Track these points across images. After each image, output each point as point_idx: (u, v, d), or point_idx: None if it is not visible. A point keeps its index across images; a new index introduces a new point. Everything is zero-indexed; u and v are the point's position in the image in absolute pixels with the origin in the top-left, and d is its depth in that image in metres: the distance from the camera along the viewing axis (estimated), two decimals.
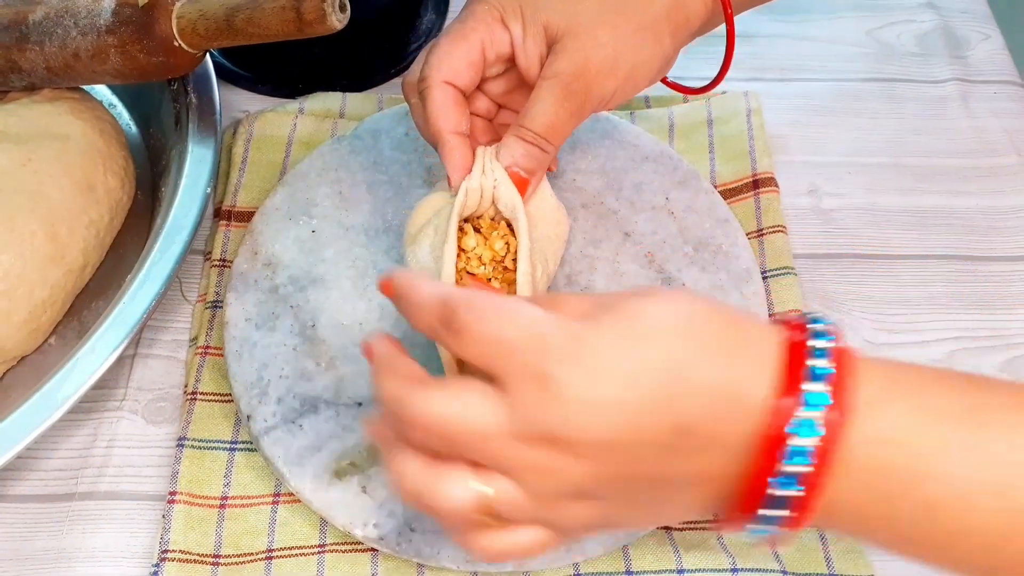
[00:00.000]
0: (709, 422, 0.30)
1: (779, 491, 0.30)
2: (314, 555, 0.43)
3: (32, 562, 0.43)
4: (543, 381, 0.30)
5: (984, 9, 0.65)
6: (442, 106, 0.42)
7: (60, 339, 0.49)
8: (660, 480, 0.31)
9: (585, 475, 0.31)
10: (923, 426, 0.30)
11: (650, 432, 0.30)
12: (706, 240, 0.50)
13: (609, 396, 0.30)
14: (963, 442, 0.30)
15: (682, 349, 0.30)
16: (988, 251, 0.54)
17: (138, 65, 0.47)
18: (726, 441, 0.30)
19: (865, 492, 0.30)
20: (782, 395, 0.30)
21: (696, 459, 0.31)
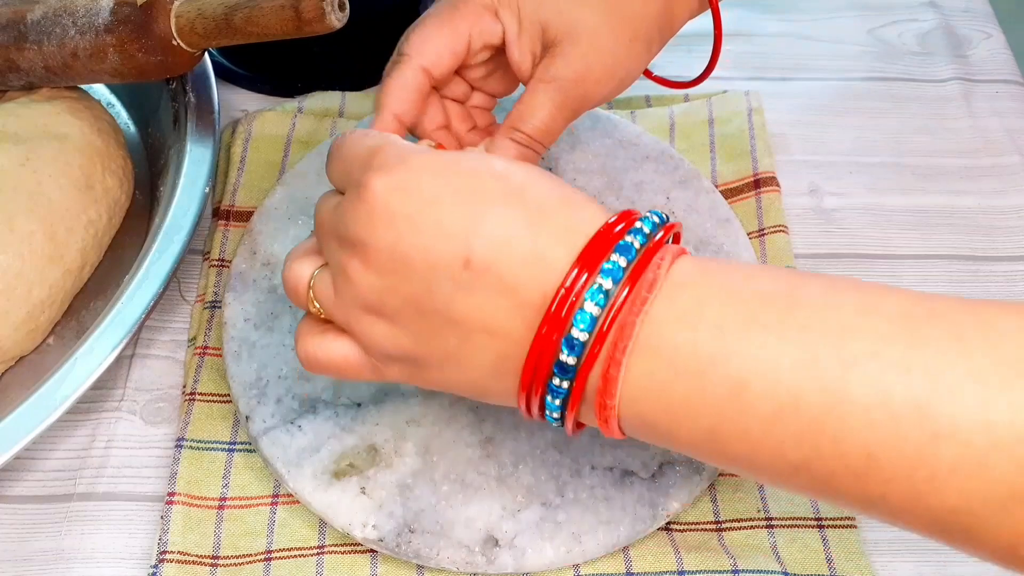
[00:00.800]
0: (503, 266, 0.30)
1: (566, 357, 0.29)
2: (313, 556, 0.43)
3: (30, 563, 0.43)
4: (360, 186, 0.32)
5: (985, 8, 0.65)
6: (405, 85, 0.41)
7: (58, 339, 0.49)
8: (450, 318, 0.31)
9: (375, 285, 0.32)
10: (731, 304, 0.29)
11: (441, 258, 0.30)
12: (707, 240, 0.50)
13: (407, 210, 0.31)
14: (772, 318, 0.28)
15: (497, 191, 0.31)
16: (990, 251, 0.53)
17: (136, 64, 0.47)
18: (518, 293, 0.30)
19: (666, 371, 0.29)
20: (581, 263, 0.29)
21: (486, 302, 0.30)
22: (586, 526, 0.41)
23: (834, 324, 0.28)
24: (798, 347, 0.28)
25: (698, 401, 0.29)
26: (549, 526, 0.41)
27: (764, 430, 0.28)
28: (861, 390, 0.27)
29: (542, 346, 0.30)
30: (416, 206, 0.31)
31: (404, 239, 0.31)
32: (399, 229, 0.31)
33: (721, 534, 0.43)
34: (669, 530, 0.43)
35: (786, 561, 0.42)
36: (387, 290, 0.32)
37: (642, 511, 0.42)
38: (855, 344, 0.27)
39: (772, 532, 0.43)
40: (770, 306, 0.29)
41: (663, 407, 0.30)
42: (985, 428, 0.26)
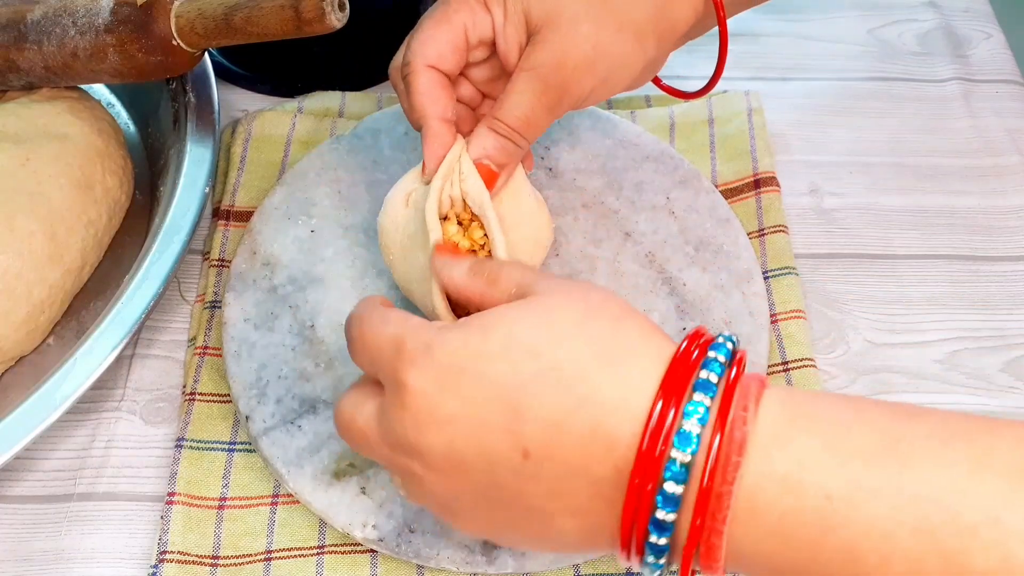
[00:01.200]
0: (564, 451, 0.28)
1: (656, 538, 0.27)
2: (313, 556, 0.43)
3: (30, 563, 0.43)
4: (399, 388, 0.30)
5: (985, 8, 0.65)
6: (428, 91, 0.41)
7: (58, 339, 0.49)
8: (523, 504, 0.30)
9: (442, 486, 0.30)
10: (835, 465, 0.27)
11: (497, 452, 0.29)
12: (707, 240, 0.50)
13: (450, 413, 0.29)
14: (881, 481, 0.26)
15: (532, 371, 0.28)
16: (990, 251, 0.53)
17: (136, 64, 0.47)
18: (590, 471, 0.28)
19: (774, 539, 0.27)
20: (653, 424, 0.27)
21: (558, 486, 0.29)
22: None
23: (948, 487, 0.26)
24: (914, 515, 0.26)
25: (811, 567, 0.27)
26: None
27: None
28: (983, 560, 0.26)
29: (630, 524, 0.28)
30: (457, 406, 0.29)
31: (456, 440, 0.29)
32: (448, 432, 0.29)
33: None
34: None
35: None
36: (457, 487, 0.30)
37: None
38: (973, 512, 0.26)
39: None
40: (877, 466, 0.27)
41: (773, 569, 0.28)
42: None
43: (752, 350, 0.47)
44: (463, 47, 0.42)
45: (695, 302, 0.48)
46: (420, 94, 0.41)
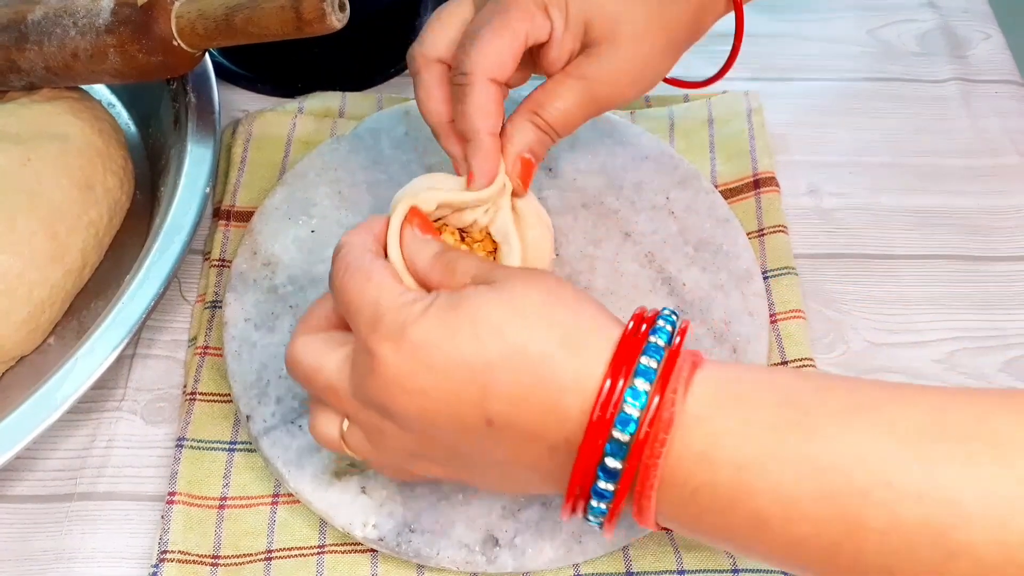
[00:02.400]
0: (523, 422, 0.32)
1: (596, 502, 0.32)
2: (313, 556, 0.43)
3: (31, 563, 0.43)
4: (371, 355, 0.33)
5: (985, 8, 0.65)
6: (485, 106, 0.40)
7: (59, 339, 0.49)
8: (487, 459, 0.34)
9: (412, 442, 0.34)
10: (748, 439, 0.30)
11: (465, 421, 0.32)
12: (707, 240, 0.50)
13: (422, 386, 0.32)
14: (789, 452, 0.29)
15: (498, 351, 0.32)
16: (989, 251, 0.53)
17: (137, 65, 0.47)
18: (546, 438, 0.32)
19: (691, 507, 0.31)
20: (599, 406, 0.31)
21: (519, 449, 0.33)
22: (586, 526, 0.41)
23: (849, 454, 0.29)
24: (816, 481, 0.29)
25: (724, 531, 0.31)
26: (549, 525, 0.41)
27: (787, 553, 0.30)
28: (875, 520, 0.28)
29: (579, 482, 0.32)
30: (429, 380, 0.32)
31: (427, 408, 0.33)
32: (419, 401, 0.33)
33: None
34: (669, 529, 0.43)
35: None
36: (426, 444, 0.34)
37: None
38: (869, 475, 0.28)
39: None
40: (787, 438, 0.29)
41: (694, 528, 0.32)
42: (999, 546, 0.27)
43: (752, 350, 0.47)
44: (520, 54, 0.41)
45: (694, 302, 0.48)
46: (477, 108, 0.40)
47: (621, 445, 0.30)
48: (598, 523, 0.33)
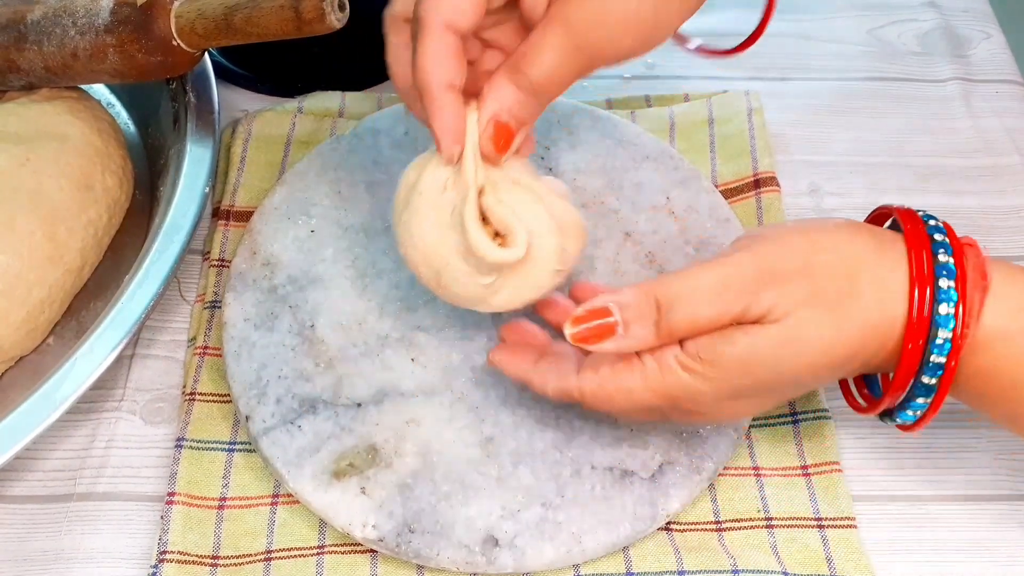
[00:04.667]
0: (868, 354, 0.36)
1: (929, 379, 0.36)
2: (313, 556, 0.43)
3: (30, 563, 0.43)
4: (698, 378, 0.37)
5: (985, 8, 0.65)
6: (437, 55, 0.36)
7: (58, 339, 0.49)
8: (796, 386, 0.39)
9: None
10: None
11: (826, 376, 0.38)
12: (707, 240, 0.50)
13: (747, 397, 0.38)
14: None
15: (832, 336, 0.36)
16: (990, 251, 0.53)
17: (136, 64, 0.47)
18: (882, 350, 0.36)
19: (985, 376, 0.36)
20: (916, 309, 0.35)
21: (870, 301, 0.36)
22: (586, 526, 0.41)
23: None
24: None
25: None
26: (549, 526, 0.41)
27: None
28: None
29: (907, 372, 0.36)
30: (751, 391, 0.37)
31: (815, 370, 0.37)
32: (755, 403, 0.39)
33: (721, 534, 0.43)
34: (669, 530, 0.43)
35: (786, 561, 0.42)
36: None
37: (642, 511, 0.42)
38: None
39: (772, 532, 0.43)
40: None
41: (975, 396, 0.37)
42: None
43: None
44: (484, 2, 0.37)
45: None
46: (429, 58, 0.36)
47: (945, 342, 0.34)
48: (914, 418, 0.37)
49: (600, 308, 0.36)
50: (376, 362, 0.46)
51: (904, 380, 0.36)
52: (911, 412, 0.37)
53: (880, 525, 0.44)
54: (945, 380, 0.35)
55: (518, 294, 0.41)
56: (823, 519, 0.43)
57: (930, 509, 0.44)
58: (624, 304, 0.36)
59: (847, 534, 0.43)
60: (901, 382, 0.36)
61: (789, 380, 0.37)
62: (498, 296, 0.41)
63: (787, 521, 0.43)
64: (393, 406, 0.44)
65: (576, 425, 0.44)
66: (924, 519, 0.44)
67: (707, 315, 0.35)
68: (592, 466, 0.43)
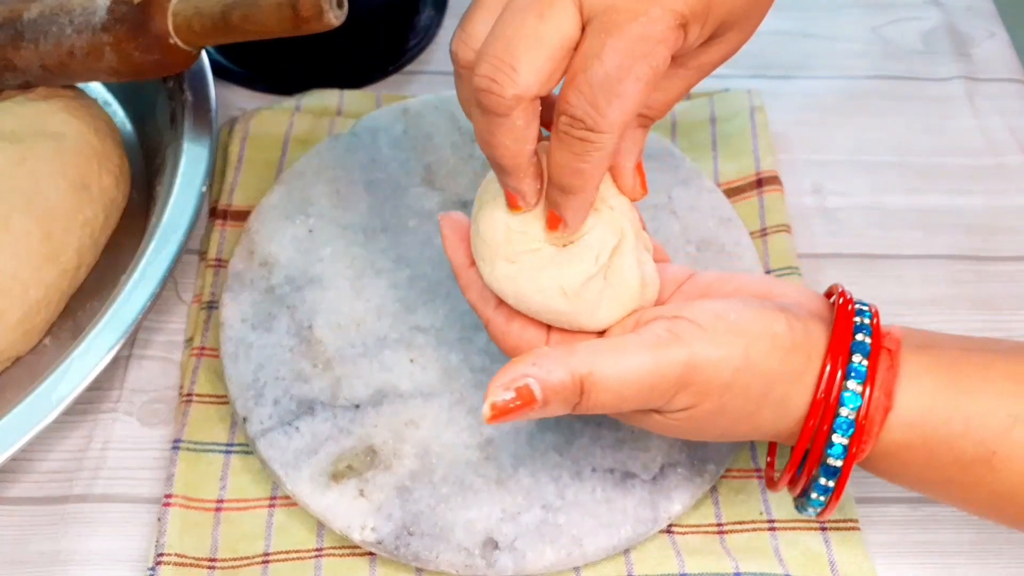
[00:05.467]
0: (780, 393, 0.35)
1: (825, 481, 0.36)
2: (311, 559, 0.42)
3: (26, 565, 0.42)
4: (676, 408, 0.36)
5: (989, 6, 0.65)
6: (527, 128, 0.33)
7: (55, 340, 0.48)
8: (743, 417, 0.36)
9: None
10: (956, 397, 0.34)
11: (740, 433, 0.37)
12: (709, 239, 0.50)
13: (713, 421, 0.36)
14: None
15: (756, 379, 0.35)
16: (993, 251, 0.53)
17: (133, 63, 0.47)
18: (790, 415, 0.35)
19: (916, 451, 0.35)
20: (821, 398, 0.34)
21: (767, 416, 0.35)
22: (587, 529, 0.41)
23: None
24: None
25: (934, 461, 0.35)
26: (549, 529, 0.41)
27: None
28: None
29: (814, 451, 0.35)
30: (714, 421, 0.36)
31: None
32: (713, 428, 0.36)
33: (723, 536, 0.43)
34: (671, 532, 0.43)
35: (788, 564, 0.42)
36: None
37: (643, 513, 0.42)
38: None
39: (774, 534, 0.43)
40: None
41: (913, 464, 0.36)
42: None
43: None
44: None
45: None
46: (519, 133, 0.33)
47: (848, 421, 0.34)
48: (818, 505, 0.36)
49: (522, 388, 0.33)
50: (375, 363, 0.45)
51: (801, 455, 0.36)
52: (815, 495, 0.36)
53: (883, 527, 0.44)
54: (847, 465, 0.35)
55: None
56: (826, 521, 0.43)
57: (933, 511, 0.44)
58: (548, 385, 0.33)
59: (850, 536, 0.42)
60: (797, 457, 0.36)
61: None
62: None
63: (790, 523, 0.43)
64: (392, 407, 0.44)
65: (576, 427, 0.43)
66: (927, 521, 0.44)
67: (626, 408, 0.35)
68: (593, 468, 0.43)
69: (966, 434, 0.34)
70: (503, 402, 0.33)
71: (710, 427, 0.36)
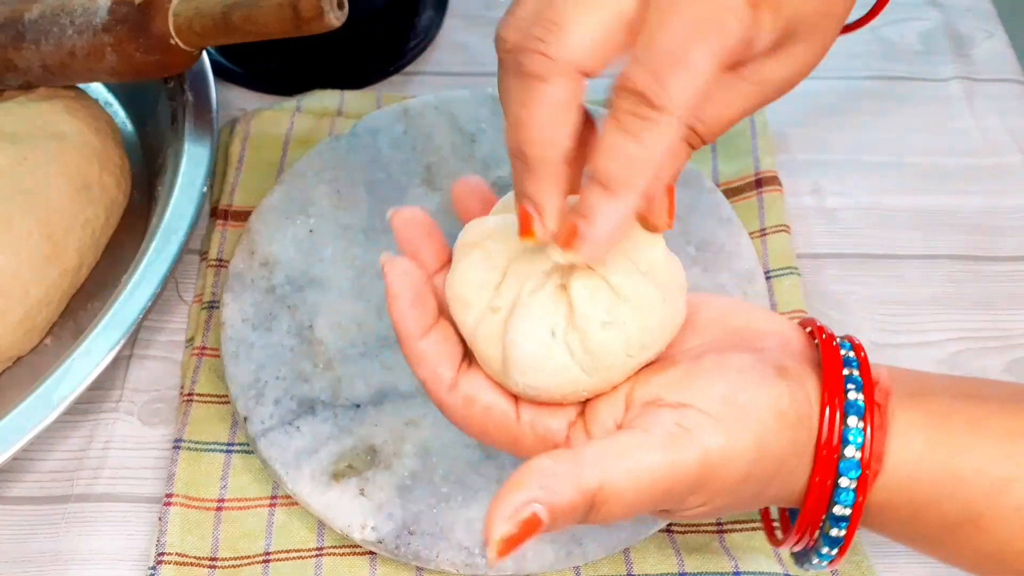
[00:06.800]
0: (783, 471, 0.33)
1: (835, 530, 0.33)
2: (312, 558, 0.42)
3: (28, 564, 0.43)
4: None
5: (988, 7, 0.65)
6: (566, 110, 0.29)
7: (56, 339, 0.48)
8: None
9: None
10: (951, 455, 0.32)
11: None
12: (709, 240, 0.50)
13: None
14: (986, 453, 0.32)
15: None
16: (992, 251, 0.53)
17: (134, 63, 0.47)
18: (797, 483, 0.33)
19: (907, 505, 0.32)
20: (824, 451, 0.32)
21: (772, 492, 0.33)
22: (587, 528, 0.41)
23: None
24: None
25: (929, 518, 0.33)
26: None
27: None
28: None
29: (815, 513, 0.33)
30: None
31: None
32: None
33: (722, 536, 0.43)
34: (670, 532, 0.43)
35: (788, 563, 0.42)
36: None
37: None
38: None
39: None
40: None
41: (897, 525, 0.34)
42: None
43: None
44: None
45: None
46: (546, 114, 0.29)
47: (850, 491, 0.31)
48: (829, 559, 0.34)
49: (529, 518, 0.29)
50: (375, 363, 0.46)
51: (813, 513, 0.32)
52: (827, 549, 0.33)
53: None
54: (855, 516, 0.32)
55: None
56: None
57: None
58: (556, 508, 0.29)
59: None
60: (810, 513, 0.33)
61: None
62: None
63: None
64: (392, 407, 0.44)
65: None
66: None
67: (637, 514, 0.31)
68: None
69: (953, 495, 0.32)
70: (512, 535, 0.29)
71: (718, 514, 0.33)
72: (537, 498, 0.29)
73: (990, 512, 0.32)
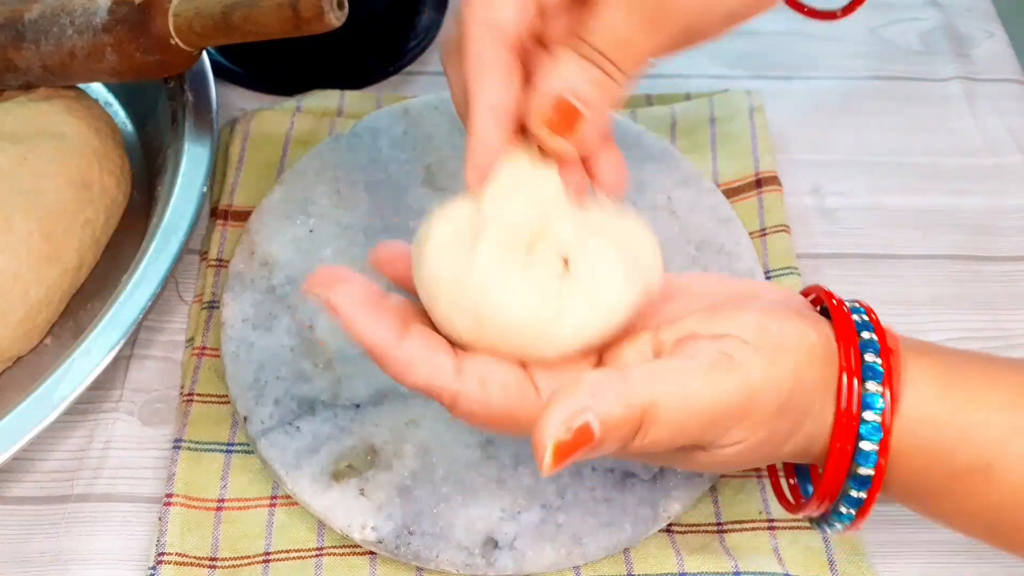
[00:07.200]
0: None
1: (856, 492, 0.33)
2: (312, 558, 0.42)
3: (28, 565, 0.42)
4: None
5: (988, 7, 0.65)
6: (481, 64, 0.31)
7: (56, 339, 0.48)
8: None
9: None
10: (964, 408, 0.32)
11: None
12: (708, 240, 0.50)
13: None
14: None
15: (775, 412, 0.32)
16: (993, 251, 0.53)
17: (134, 64, 0.47)
18: (825, 428, 0.33)
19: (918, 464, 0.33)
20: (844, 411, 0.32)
21: (804, 433, 0.33)
22: (587, 528, 0.41)
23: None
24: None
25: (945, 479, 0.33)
26: (549, 528, 0.41)
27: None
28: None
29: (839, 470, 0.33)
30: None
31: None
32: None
33: (723, 536, 0.43)
34: (670, 532, 0.43)
35: (788, 563, 0.42)
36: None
37: (643, 513, 0.42)
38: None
39: (774, 534, 0.43)
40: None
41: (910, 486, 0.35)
42: None
43: None
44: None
45: None
46: (472, 67, 0.31)
47: (871, 453, 0.32)
48: (849, 519, 0.34)
49: (582, 427, 0.28)
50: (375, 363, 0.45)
51: (836, 473, 0.33)
52: (845, 510, 0.34)
53: (882, 527, 0.44)
54: (879, 471, 0.33)
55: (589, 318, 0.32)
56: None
57: None
58: (608, 421, 0.28)
59: (849, 536, 0.42)
60: (833, 472, 0.33)
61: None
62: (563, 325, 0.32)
63: (789, 523, 0.43)
64: (392, 407, 0.44)
65: None
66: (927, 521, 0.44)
67: (677, 445, 0.31)
68: (593, 467, 0.43)
69: (963, 444, 0.32)
70: (565, 444, 0.27)
71: (751, 459, 0.33)
72: (590, 406, 0.28)
73: (999, 461, 0.32)
